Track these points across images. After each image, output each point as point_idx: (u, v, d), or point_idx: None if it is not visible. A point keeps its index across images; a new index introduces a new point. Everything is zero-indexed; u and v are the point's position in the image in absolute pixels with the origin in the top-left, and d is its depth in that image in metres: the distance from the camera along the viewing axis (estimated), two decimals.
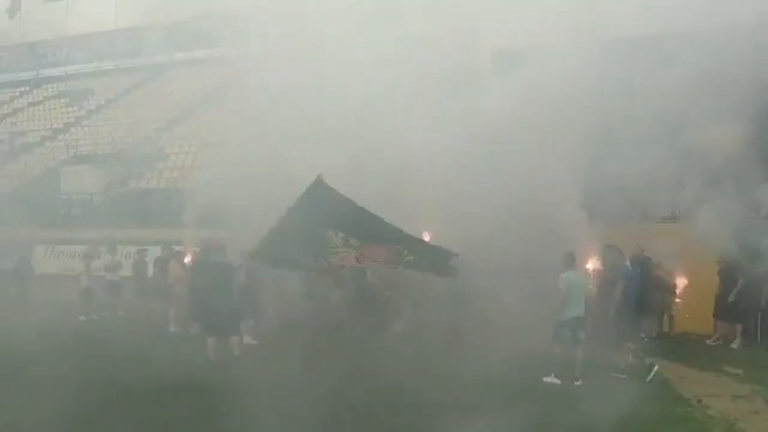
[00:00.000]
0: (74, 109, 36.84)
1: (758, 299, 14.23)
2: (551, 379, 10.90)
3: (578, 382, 10.81)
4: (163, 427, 8.76)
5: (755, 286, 14.12)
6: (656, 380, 11.13)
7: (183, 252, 16.54)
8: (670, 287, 14.61)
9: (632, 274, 12.19)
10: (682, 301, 14.81)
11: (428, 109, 14.04)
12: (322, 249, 11.74)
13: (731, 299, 14.12)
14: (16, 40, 42.06)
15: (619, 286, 11.74)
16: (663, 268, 14.47)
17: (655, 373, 11.27)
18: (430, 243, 12.74)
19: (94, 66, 40.85)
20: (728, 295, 14.18)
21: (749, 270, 13.92)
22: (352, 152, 13.79)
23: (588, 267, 13.12)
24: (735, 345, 14.01)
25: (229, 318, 11.95)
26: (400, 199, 13.62)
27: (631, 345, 11.80)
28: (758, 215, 15.10)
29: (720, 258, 14.28)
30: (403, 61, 14.98)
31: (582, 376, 10.88)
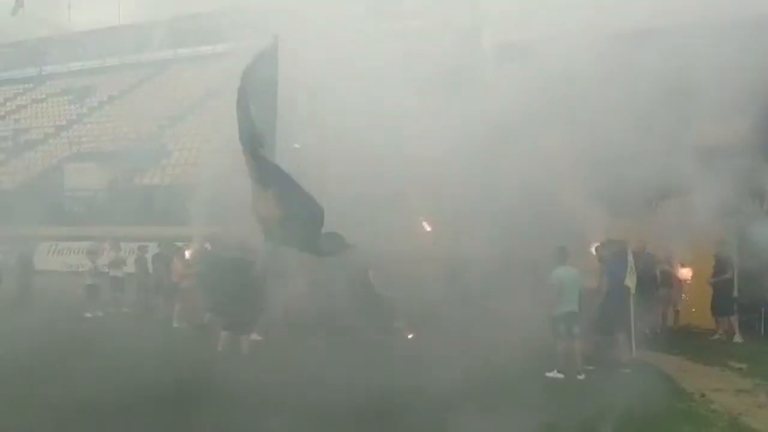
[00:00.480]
0: (77, 106, 36.84)
1: (763, 293, 14.18)
2: (554, 374, 10.90)
3: (581, 377, 10.81)
4: (171, 425, 8.78)
5: (756, 279, 14.07)
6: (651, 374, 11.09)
7: (185, 248, 16.55)
8: (675, 282, 14.56)
9: (614, 268, 12.03)
10: (687, 296, 14.74)
11: (433, 104, 14.06)
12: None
13: (733, 293, 14.14)
14: (19, 37, 42.07)
15: (604, 280, 11.78)
16: (669, 262, 14.46)
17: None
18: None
19: (97, 63, 40.81)
20: (721, 290, 14.13)
21: (741, 264, 13.92)
22: (354, 147, 13.80)
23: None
24: (737, 339, 13.97)
25: (248, 314, 12.12)
26: (402, 194, 13.66)
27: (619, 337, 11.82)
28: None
29: (715, 253, 14.26)
30: (408, 56, 14.99)
31: (584, 370, 10.87)
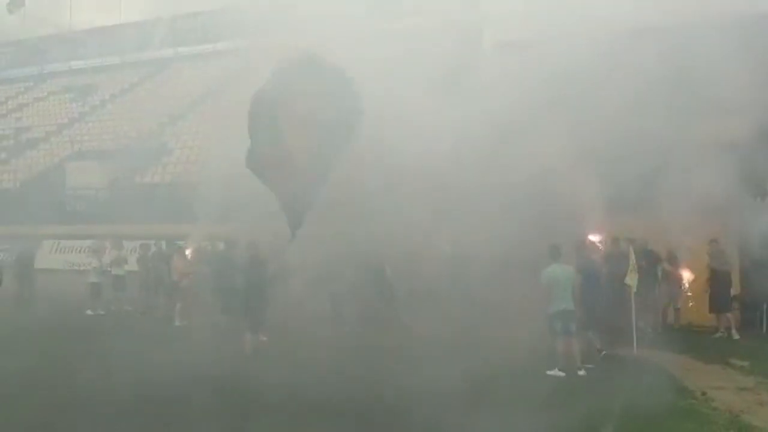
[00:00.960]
0: (79, 104, 36.85)
1: (765, 290, 14.15)
2: (555, 372, 10.89)
3: (581, 373, 10.81)
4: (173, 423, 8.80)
5: (758, 276, 14.06)
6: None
7: (185, 246, 16.56)
8: (675, 279, 14.54)
9: (592, 269, 12.16)
10: (689, 294, 14.72)
11: (436, 102, 14.05)
12: None
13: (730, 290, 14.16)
14: (21, 35, 42.09)
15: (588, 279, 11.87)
16: (670, 260, 14.45)
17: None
18: None
19: (98, 61, 40.82)
20: (719, 286, 14.17)
21: (742, 261, 13.94)
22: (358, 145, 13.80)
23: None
24: (735, 336, 13.95)
25: (264, 313, 12.40)
26: (404, 193, 13.65)
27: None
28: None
29: (708, 251, 14.26)
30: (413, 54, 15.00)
31: (583, 368, 10.88)
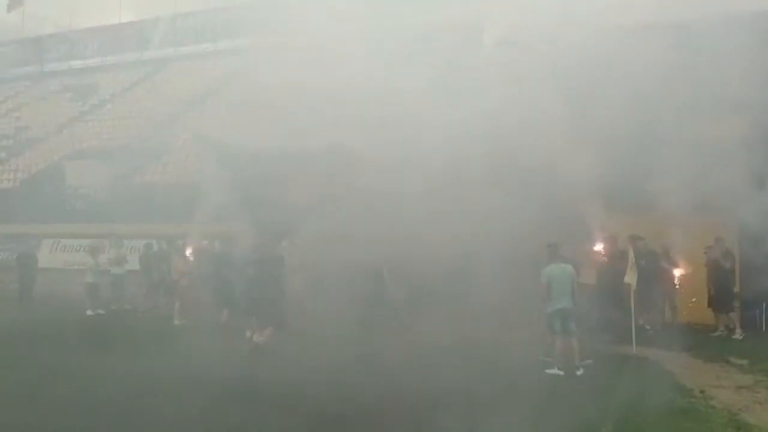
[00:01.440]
0: (79, 103, 36.84)
1: (765, 288, 14.14)
2: (554, 371, 10.90)
3: (579, 372, 10.82)
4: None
5: (758, 274, 14.06)
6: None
7: (184, 245, 16.57)
8: (671, 277, 14.55)
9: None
10: (685, 291, 14.70)
11: (441, 99, 14.07)
12: None
13: (733, 289, 14.13)
14: (21, 34, 42.09)
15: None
16: (666, 258, 14.47)
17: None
18: None
19: (98, 60, 40.83)
20: (716, 285, 14.19)
21: (742, 258, 13.95)
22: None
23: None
24: (737, 335, 13.95)
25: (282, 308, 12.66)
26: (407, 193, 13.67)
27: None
28: None
29: (706, 248, 14.26)
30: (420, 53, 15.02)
31: (582, 366, 10.89)
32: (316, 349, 12.10)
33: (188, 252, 16.61)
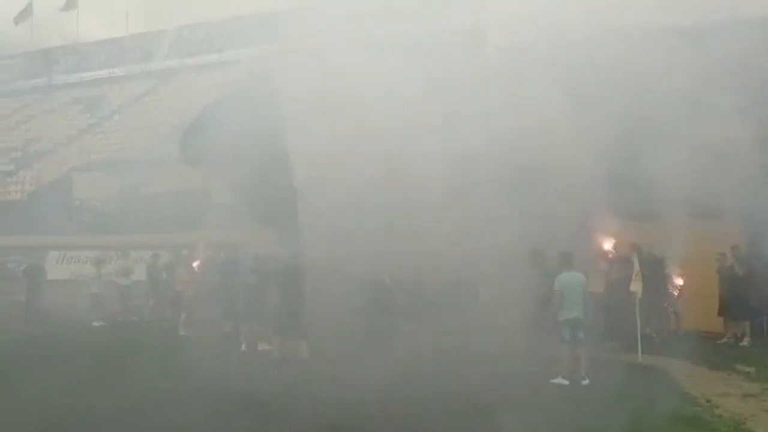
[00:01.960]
0: (87, 115, 37.06)
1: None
2: (559, 380, 10.83)
3: (585, 382, 10.74)
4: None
5: (764, 282, 13.98)
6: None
7: (190, 256, 16.57)
8: (673, 285, 14.46)
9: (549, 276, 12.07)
10: (693, 299, 14.59)
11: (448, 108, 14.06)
12: None
13: (746, 296, 13.98)
14: (29, 47, 42.41)
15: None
16: (669, 265, 14.40)
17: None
18: None
19: (105, 72, 41.10)
20: (728, 292, 14.03)
21: (748, 266, 13.83)
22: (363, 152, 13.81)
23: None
24: (745, 342, 13.84)
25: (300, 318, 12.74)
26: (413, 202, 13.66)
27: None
28: None
29: (718, 255, 14.16)
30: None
31: (588, 376, 10.81)
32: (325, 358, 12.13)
33: (194, 263, 16.62)
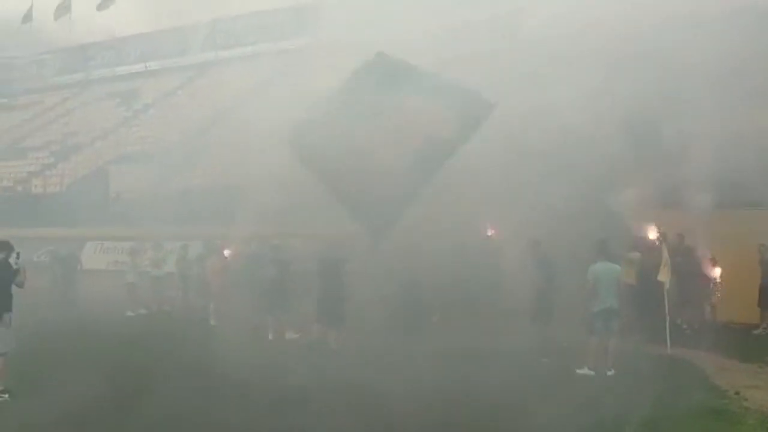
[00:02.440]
0: (123, 108, 37.66)
1: None
2: (584, 371, 10.76)
3: (610, 372, 10.65)
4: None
5: None
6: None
7: (222, 247, 16.72)
8: (708, 276, 14.19)
9: (545, 266, 12.23)
10: (723, 290, 14.33)
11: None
12: None
13: None
14: (68, 43, 43.19)
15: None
16: (704, 256, 14.14)
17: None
18: None
19: (141, 66, 41.67)
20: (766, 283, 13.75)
21: None
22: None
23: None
24: None
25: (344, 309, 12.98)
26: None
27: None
28: None
29: (761, 245, 13.86)
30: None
31: (614, 367, 10.71)
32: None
33: (226, 252, 16.76)
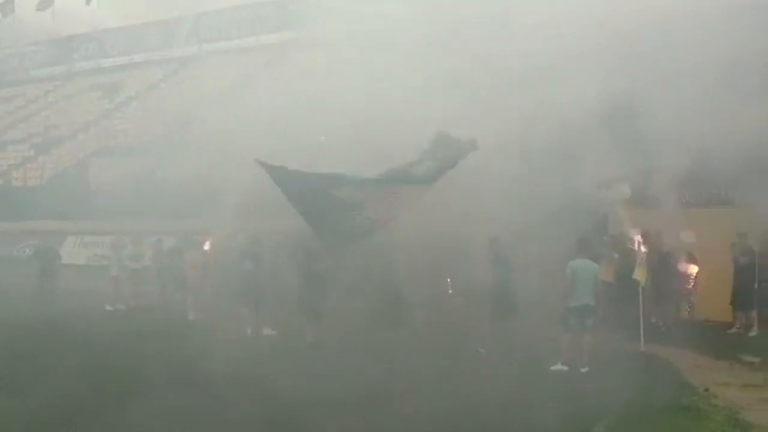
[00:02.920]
0: (105, 101, 37.40)
1: None
2: (558, 367, 10.83)
3: (584, 369, 10.73)
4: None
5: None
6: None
7: (201, 241, 16.64)
8: (686, 275, 14.32)
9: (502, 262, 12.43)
10: (700, 289, 14.46)
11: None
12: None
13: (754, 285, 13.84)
14: (51, 35, 42.83)
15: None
16: (682, 255, 14.26)
17: None
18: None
19: (124, 59, 41.37)
20: (735, 282, 13.92)
21: (760, 255, 13.69)
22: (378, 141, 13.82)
23: None
24: (753, 333, 13.70)
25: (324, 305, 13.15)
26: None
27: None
28: None
29: (732, 244, 13.99)
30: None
31: (588, 363, 10.79)
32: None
33: (205, 246, 16.70)
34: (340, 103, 15.44)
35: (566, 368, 10.79)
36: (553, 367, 10.89)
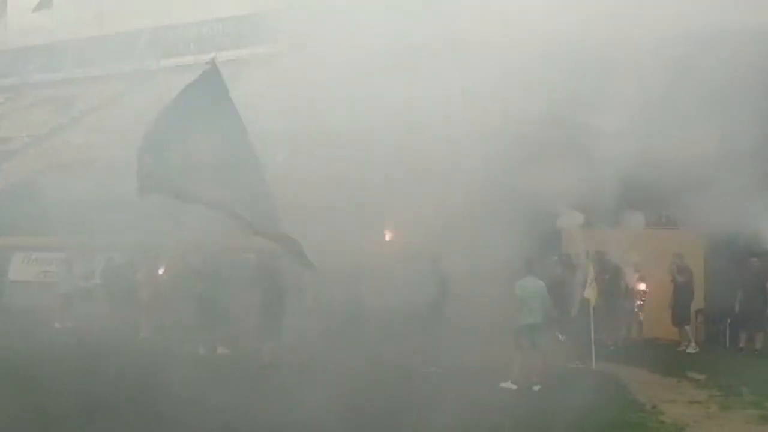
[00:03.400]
0: (58, 115, 36.70)
1: (730, 305, 14.26)
2: (507, 385, 10.91)
3: (536, 387, 10.83)
4: None
5: (723, 290, 14.21)
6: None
7: (153, 258, 16.43)
8: (634, 294, 14.61)
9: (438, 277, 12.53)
10: (649, 307, 14.76)
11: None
12: None
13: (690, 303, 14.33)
14: (1, 46, 41.92)
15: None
16: (629, 274, 14.54)
17: None
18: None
19: (79, 72, 40.64)
20: (678, 301, 14.35)
21: (708, 274, 14.08)
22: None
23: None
24: (692, 349, 14.03)
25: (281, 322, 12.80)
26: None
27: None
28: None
29: (671, 264, 14.32)
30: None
31: (540, 382, 10.89)
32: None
33: (156, 264, 16.49)
34: (296, 120, 15.43)
35: (515, 387, 10.88)
36: (502, 384, 10.97)
